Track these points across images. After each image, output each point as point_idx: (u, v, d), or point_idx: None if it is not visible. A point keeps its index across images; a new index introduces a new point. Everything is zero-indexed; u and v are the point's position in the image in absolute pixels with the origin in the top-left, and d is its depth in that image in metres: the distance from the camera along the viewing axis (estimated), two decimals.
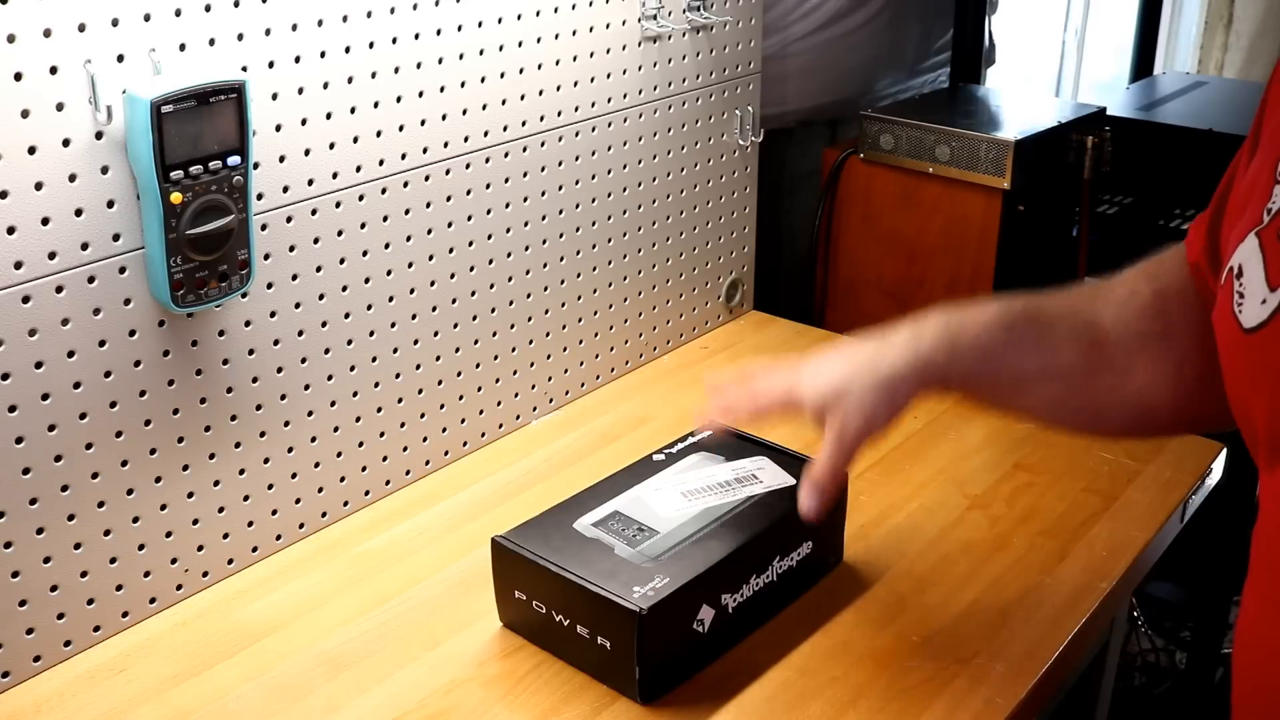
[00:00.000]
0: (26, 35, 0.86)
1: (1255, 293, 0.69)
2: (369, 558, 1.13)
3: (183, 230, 0.95)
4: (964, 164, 1.54)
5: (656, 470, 1.08)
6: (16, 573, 0.95)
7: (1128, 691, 2.02)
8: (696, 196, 1.50)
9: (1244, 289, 0.70)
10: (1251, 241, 0.71)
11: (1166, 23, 3.50)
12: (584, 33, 1.28)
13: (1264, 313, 0.68)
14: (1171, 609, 2.06)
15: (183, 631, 1.04)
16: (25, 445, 0.93)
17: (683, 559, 0.96)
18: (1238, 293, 0.70)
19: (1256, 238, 0.70)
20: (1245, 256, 0.71)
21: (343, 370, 1.15)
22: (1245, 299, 0.70)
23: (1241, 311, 0.70)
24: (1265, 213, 0.71)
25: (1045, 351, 0.90)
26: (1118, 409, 0.91)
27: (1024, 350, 0.90)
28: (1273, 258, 0.69)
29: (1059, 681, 1.03)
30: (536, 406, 1.36)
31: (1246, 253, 0.71)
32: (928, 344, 0.92)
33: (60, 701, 0.96)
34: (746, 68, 1.50)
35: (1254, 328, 0.68)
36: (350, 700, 0.95)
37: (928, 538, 1.15)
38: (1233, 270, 0.72)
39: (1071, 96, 3.34)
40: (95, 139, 0.92)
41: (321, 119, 1.07)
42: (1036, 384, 0.91)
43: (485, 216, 1.24)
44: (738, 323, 1.60)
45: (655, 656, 0.93)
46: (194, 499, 1.06)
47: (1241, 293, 0.70)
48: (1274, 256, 0.69)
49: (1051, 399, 0.92)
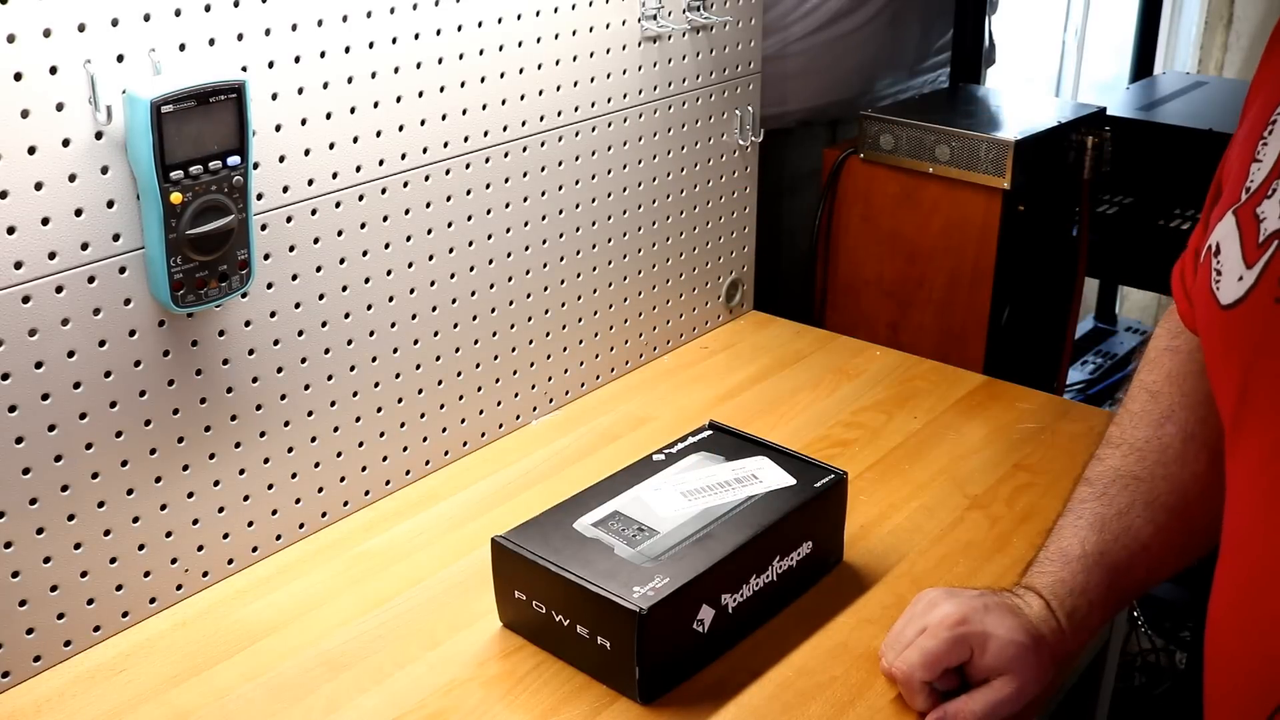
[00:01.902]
0: (26, 35, 0.86)
1: (1232, 270, 0.69)
2: (369, 558, 1.13)
3: (183, 230, 0.95)
4: (964, 164, 1.54)
5: (656, 470, 1.08)
6: (16, 573, 0.95)
7: (1128, 691, 2.02)
8: (696, 196, 1.50)
9: (1221, 266, 0.70)
10: (1229, 220, 0.71)
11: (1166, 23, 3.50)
12: (584, 33, 1.28)
13: (1240, 289, 0.68)
14: (1171, 609, 2.06)
15: (183, 631, 1.04)
16: (25, 445, 0.93)
17: (683, 559, 0.96)
18: (1215, 270, 0.71)
19: (1234, 215, 0.71)
20: (1223, 234, 0.71)
21: (343, 370, 1.15)
22: (1223, 276, 0.70)
23: (1219, 288, 0.70)
24: (1244, 191, 0.71)
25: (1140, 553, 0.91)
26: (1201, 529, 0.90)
27: (1125, 573, 0.91)
28: (1249, 235, 0.69)
29: (1059, 682, 1.03)
30: (536, 406, 1.36)
31: (1224, 231, 0.71)
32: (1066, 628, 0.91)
33: (60, 701, 0.96)
34: (746, 68, 1.50)
35: (1230, 304, 0.69)
36: (350, 700, 0.95)
37: (928, 538, 1.15)
38: (1211, 248, 0.72)
39: (1071, 96, 3.34)
40: (95, 139, 0.92)
41: (321, 119, 1.07)
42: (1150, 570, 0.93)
43: (485, 216, 1.24)
44: (738, 323, 1.60)
45: (655, 656, 0.93)
46: (194, 499, 1.06)
47: (1219, 270, 0.70)
48: (1250, 234, 0.69)
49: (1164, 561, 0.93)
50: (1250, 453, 0.69)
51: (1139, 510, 0.91)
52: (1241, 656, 0.69)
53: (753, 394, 1.42)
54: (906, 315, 1.64)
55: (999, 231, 1.54)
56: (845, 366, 1.48)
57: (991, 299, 1.57)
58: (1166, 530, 0.91)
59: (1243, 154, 0.73)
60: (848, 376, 1.45)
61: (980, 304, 1.57)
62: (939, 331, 1.61)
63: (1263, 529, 0.67)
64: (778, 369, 1.48)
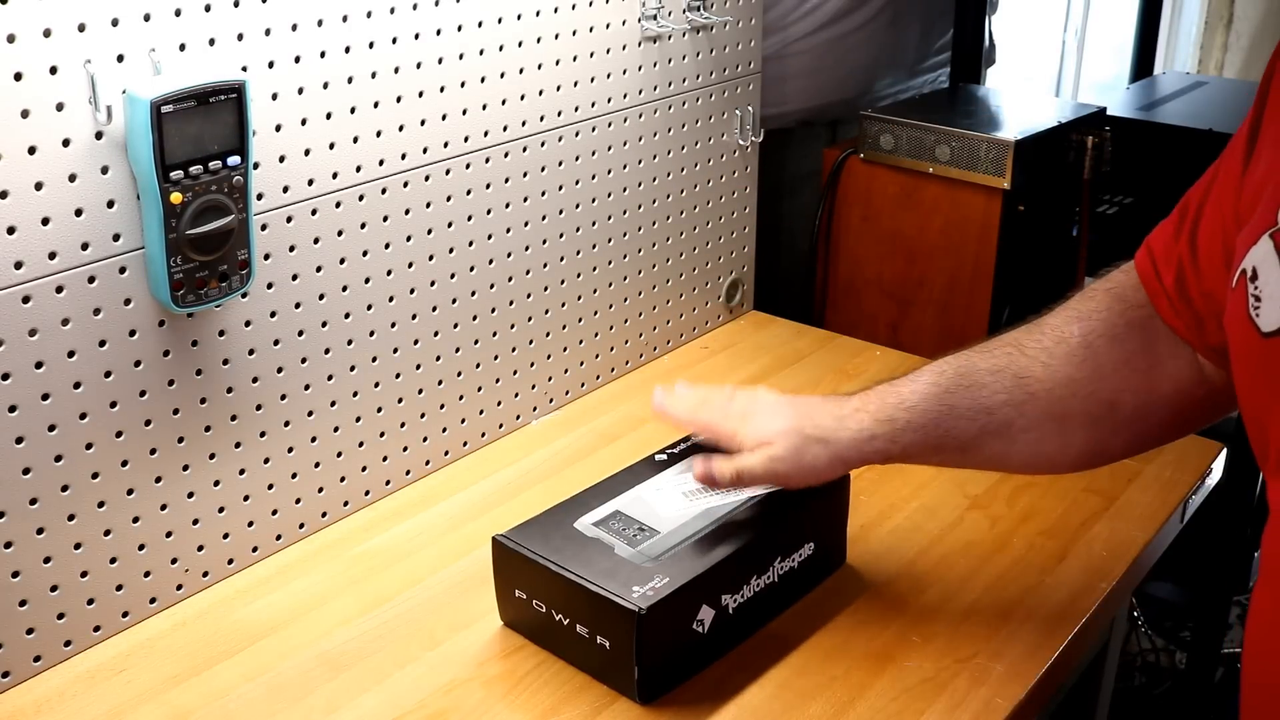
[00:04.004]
0: (26, 35, 0.86)
1: (1274, 295, 0.68)
2: (369, 558, 1.13)
3: (183, 230, 0.95)
4: (964, 164, 1.54)
5: (657, 470, 1.08)
6: (17, 573, 0.95)
7: (1128, 691, 2.01)
8: (696, 196, 1.50)
9: (1260, 291, 0.69)
10: (1265, 244, 0.70)
11: (1166, 23, 3.50)
12: (584, 33, 1.28)
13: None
14: (1171, 609, 2.06)
15: (183, 631, 1.04)
16: (25, 445, 0.93)
17: (683, 559, 0.96)
18: (1253, 295, 0.70)
19: (1270, 240, 0.70)
20: (1260, 259, 0.70)
21: (343, 370, 1.15)
22: (1263, 302, 0.69)
23: (1259, 315, 0.69)
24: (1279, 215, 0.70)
25: (980, 414, 0.94)
26: (1064, 452, 0.95)
27: (959, 418, 0.94)
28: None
29: (1059, 681, 1.03)
30: (536, 406, 1.36)
31: (1260, 255, 0.70)
32: (870, 422, 0.96)
33: (60, 701, 0.96)
34: (746, 68, 1.50)
35: (1274, 331, 0.68)
36: (350, 700, 0.95)
37: (928, 538, 1.15)
38: (1245, 273, 0.71)
39: (1071, 96, 3.34)
40: (95, 139, 0.92)
41: (321, 119, 1.07)
42: (979, 445, 0.95)
43: (485, 216, 1.24)
44: (738, 323, 1.60)
45: (654, 656, 0.93)
46: (194, 499, 1.06)
47: (1258, 295, 0.69)
48: None
49: (996, 455, 0.96)
50: None
51: (1006, 377, 0.94)
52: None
53: None
54: (906, 315, 1.64)
55: (999, 231, 1.54)
56: (845, 366, 1.48)
57: (991, 299, 1.57)
58: (1018, 408, 0.93)
59: (1271, 173, 0.72)
60: (848, 376, 1.45)
61: (980, 304, 1.57)
62: (939, 331, 1.61)
63: None
64: (778, 369, 1.48)
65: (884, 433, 0.95)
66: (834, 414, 0.97)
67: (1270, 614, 0.70)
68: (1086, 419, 0.93)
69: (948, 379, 0.95)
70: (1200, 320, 0.86)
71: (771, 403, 1.02)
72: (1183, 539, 1.24)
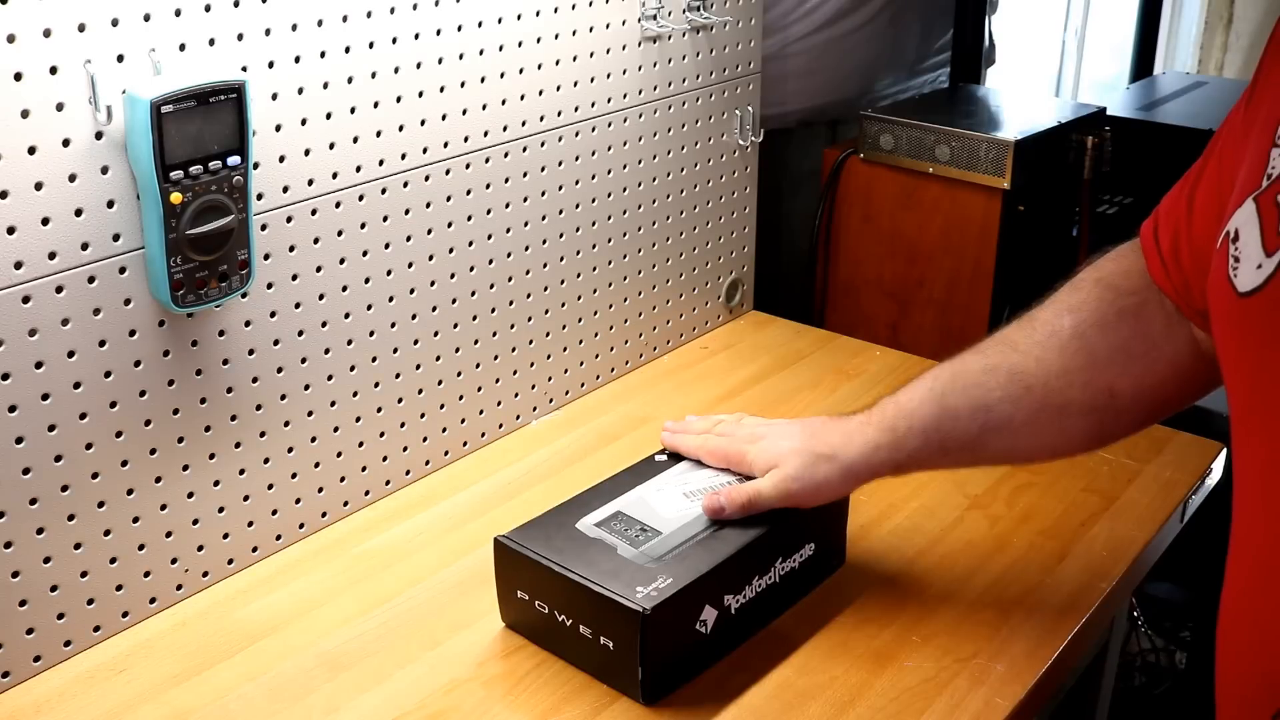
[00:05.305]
0: (26, 35, 0.86)
1: (1251, 257, 0.69)
2: (369, 558, 1.13)
3: (183, 230, 0.95)
4: (964, 164, 1.54)
5: (659, 471, 1.08)
6: (16, 573, 0.95)
7: (1128, 691, 2.02)
8: (696, 196, 1.50)
9: (1239, 253, 0.70)
10: (1249, 206, 0.71)
11: (1166, 23, 3.50)
12: (584, 33, 1.28)
13: (1259, 277, 0.68)
14: (1171, 609, 2.06)
15: (183, 631, 1.04)
16: (25, 445, 0.93)
17: (686, 560, 0.96)
18: (1233, 257, 0.71)
19: (1254, 202, 0.70)
20: (1242, 221, 0.71)
21: (342, 370, 1.15)
22: (1241, 263, 0.70)
23: (1237, 276, 0.70)
24: (1265, 178, 0.71)
25: (980, 413, 0.96)
26: (1069, 440, 0.98)
27: (959, 418, 0.96)
28: (1269, 222, 0.69)
29: (1059, 681, 1.03)
30: (536, 406, 1.36)
31: (1243, 217, 0.71)
32: (874, 434, 0.98)
33: (60, 701, 0.95)
34: (746, 68, 1.50)
35: (1249, 292, 0.68)
36: (350, 700, 0.95)
37: (928, 538, 1.15)
38: (1228, 235, 0.72)
39: (1071, 96, 3.34)
40: (95, 139, 0.92)
41: (321, 119, 1.07)
42: (984, 443, 0.97)
43: (485, 216, 1.24)
44: (738, 323, 1.60)
45: (658, 657, 0.93)
46: (194, 499, 1.06)
47: (1237, 257, 0.70)
48: (1270, 221, 0.68)
49: (1004, 450, 0.99)
50: (1258, 445, 0.69)
51: (1000, 374, 0.95)
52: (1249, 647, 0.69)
53: (753, 394, 1.42)
54: (906, 315, 1.64)
55: (999, 231, 1.54)
56: (845, 366, 1.48)
57: (991, 299, 1.57)
58: (1016, 403, 0.94)
59: (1261, 139, 0.73)
60: (848, 376, 1.45)
61: (980, 304, 1.57)
62: (939, 331, 1.61)
63: (1264, 521, 0.67)
64: (778, 369, 1.48)
65: (888, 442, 0.98)
66: (840, 431, 1.00)
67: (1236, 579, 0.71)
68: (1086, 407, 0.94)
69: (943, 382, 0.97)
70: (1188, 282, 0.87)
71: (780, 425, 1.06)
72: (1183, 539, 1.24)
